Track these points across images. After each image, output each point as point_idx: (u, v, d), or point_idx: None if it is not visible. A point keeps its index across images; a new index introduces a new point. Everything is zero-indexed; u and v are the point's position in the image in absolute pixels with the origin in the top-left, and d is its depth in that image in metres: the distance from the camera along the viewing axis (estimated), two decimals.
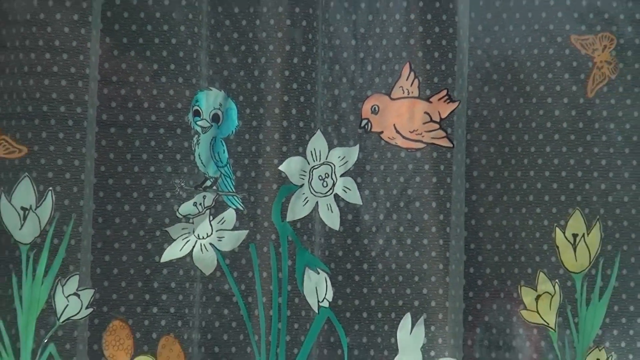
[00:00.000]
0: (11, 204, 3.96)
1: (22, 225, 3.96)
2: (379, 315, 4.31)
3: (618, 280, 4.31)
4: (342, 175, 4.03)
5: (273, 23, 4.34)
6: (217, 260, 4.09)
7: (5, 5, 4.13)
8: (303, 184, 4.06)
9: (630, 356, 4.39)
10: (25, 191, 4.00)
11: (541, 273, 4.27)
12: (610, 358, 4.30)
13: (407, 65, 4.14)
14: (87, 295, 3.97)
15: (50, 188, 3.99)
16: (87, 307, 3.97)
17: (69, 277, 3.95)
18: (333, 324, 4.15)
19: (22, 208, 3.94)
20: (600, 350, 4.27)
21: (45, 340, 3.94)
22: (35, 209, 3.97)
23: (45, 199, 3.99)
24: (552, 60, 4.52)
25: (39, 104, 4.03)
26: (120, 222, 4.19)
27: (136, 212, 4.19)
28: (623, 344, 4.38)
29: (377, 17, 4.49)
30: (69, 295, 3.96)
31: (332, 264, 4.25)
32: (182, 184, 4.14)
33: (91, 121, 4.13)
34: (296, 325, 4.18)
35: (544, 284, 4.25)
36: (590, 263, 4.25)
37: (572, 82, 4.44)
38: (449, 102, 4.14)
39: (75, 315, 3.96)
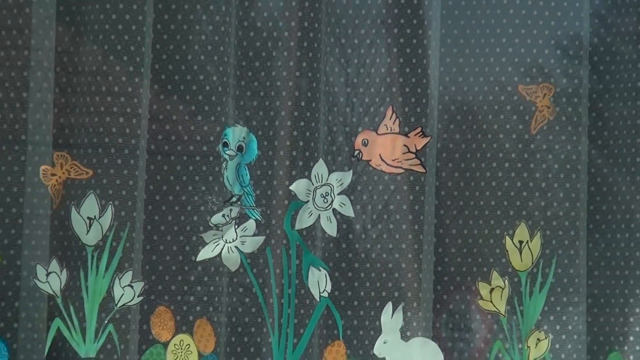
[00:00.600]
0: (80, 215, 4.28)
1: (88, 231, 4.28)
2: (367, 303, 4.50)
3: (554, 277, 4.55)
4: (339, 194, 4.38)
5: (285, 74, 4.54)
6: (240, 259, 4.39)
7: (76, 59, 4.31)
8: (308, 200, 4.38)
9: (564, 336, 4.59)
10: (90, 205, 4.31)
11: (494, 271, 4.57)
12: (547, 338, 4.56)
13: (390, 108, 4.47)
14: (139, 286, 4.30)
15: (110, 202, 4.29)
16: (138, 296, 4.29)
17: (125, 272, 4.26)
18: (331, 310, 4.43)
19: (88, 218, 4.29)
20: (540, 332, 4.54)
21: (106, 322, 4.20)
22: (99, 219, 4.28)
23: (106, 211, 4.29)
24: (503, 105, 4.76)
25: (102, 136, 4.30)
26: (164, 230, 4.43)
27: (177, 222, 4.42)
28: (557, 327, 4.57)
29: (366, 70, 4.74)
30: (125, 286, 4.29)
31: (330, 263, 4.46)
32: (214, 200, 4.40)
33: (142, 150, 4.37)
34: (302, 311, 4.40)
35: (496, 280, 4.56)
36: (532, 263, 4.57)
37: (519, 122, 4.69)
38: (422, 137, 4.47)
39: (129, 302, 4.28)
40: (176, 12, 4.71)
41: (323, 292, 4.31)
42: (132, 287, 4.27)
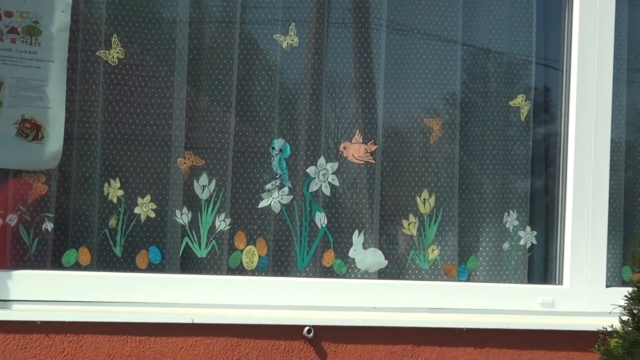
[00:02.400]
0: (198, 183, 4.62)
1: (202, 192, 4.60)
2: (345, 229, 4.81)
3: (441, 217, 4.91)
4: (331, 174, 4.76)
5: (304, 110, 4.89)
6: (280, 207, 4.71)
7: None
8: (315, 177, 4.76)
9: (446, 248, 4.94)
10: (203, 178, 4.66)
11: (410, 213, 4.92)
12: (437, 248, 4.92)
13: (357, 130, 4.83)
14: (228, 221, 4.66)
15: (214, 177, 4.65)
16: (227, 225, 4.66)
17: (221, 213, 4.64)
18: (327, 233, 4.79)
19: (202, 185, 4.65)
20: (433, 245, 4.89)
21: (212, 239, 4.64)
22: (208, 185, 4.64)
23: (211, 182, 4.67)
24: (417, 127, 5.09)
25: (208, 140, 4.76)
26: (246, 191, 4.73)
27: (251, 188, 4.72)
28: (442, 243, 4.92)
29: (345, 108, 5.01)
30: (221, 220, 4.65)
31: (326, 209, 4.81)
32: (268, 176, 4.73)
33: (231, 150, 4.71)
34: (312, 233, 4.77)
35: (412, 217, 4.90)
36: (430, 210, 4.92)
37: (424, 136, 5.07)
38: (374, 144, 4.82)
39: (224, 228, 4.67)
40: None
41: (322, 224, 4.77)
42: (224, 221, 4.62)
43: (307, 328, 4.37)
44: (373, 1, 4.89)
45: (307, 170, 4.76)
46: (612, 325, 3.65)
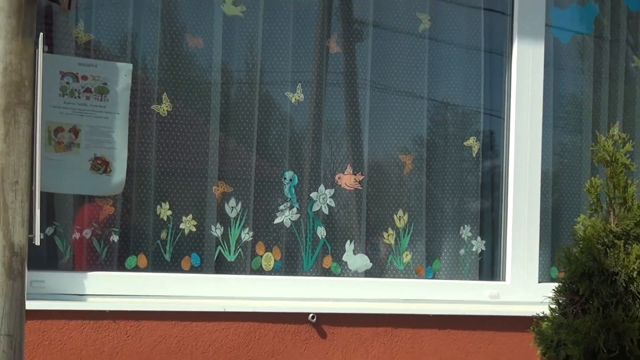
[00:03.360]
0: (229, 205, 4.51)
1: (232, 210, 4.48)
2: (339, 239, 4.74)
3: (412, 230, 4.81)
4: (329, 197, 4.69)
5: (308, 146, 4.83)
6: (290, 223, 4.65)
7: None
8: (317, 200, 4.67)
9: (416, 253, 4.85)
10: (232, 202, 4.55)
11: (389, 227, 4.81)
12: (410, 254, 4.83)
13: (349, 164, 4.73)
14: (251, 233, 4.56)
15: (241, 201, 4.54)
16: (251, 237, 4.54)
17: (246, 228, 4.56)
18: (325, 243, 4.71)
19: (232, 207, 4.56)
20: (407, 252, 4.79)
21: (239, 247, 4.59)
22: (236, 206, 4.54)
23: (239, 204, 4.56)
24: (395, 163, 5.03)
25: (233, 172, 4.70)
26: (266, 210, 4.63)
27: (270, 208, 4.64)
28: (415, 250, 4.83)
29: (339, 147, 4.91)
30: (245, 233, 4.54)
31: (325, 224, 4.70)
32: (280, 199, 4.63)
33: (253, 178, 4.69)
34: (314, 243, 4.70)
35: (390, 230, 4.80)
36: (405, 224, 4.81)
37: (400, 168, 4.97)
38: (361, 175, 4.70)
39: (248, 239, 4.58)
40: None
41: (322, 236, 4.69)
42: (248, 234, 4.52)
43: (311, 315, 4.37)
44: (360, 67, 4.84)
45: (310, 195, 4.72)
46: (543, 312, 3.63)
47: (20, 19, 2.13)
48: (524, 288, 4.89)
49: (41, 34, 3.68)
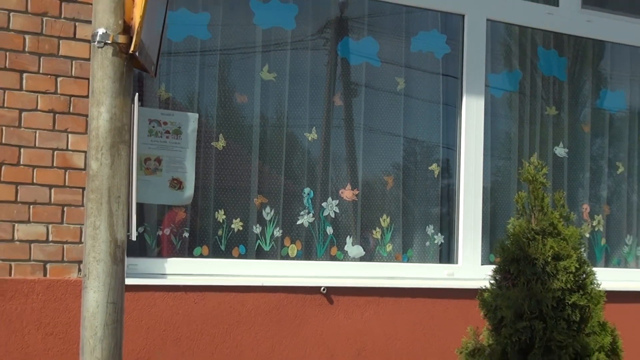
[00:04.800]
0: (265, 211, 4.51)
1: (268, 214, 4.43)
2: (343, 236, 4.63)
3: (393, 228, 4.75)
4: (335, 206, 4.58)
5: (319, 168, 4.67)
6: (308, 225, 4.54)
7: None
8: (326, 208, 4.57)
9: (394, 247, 4.75)
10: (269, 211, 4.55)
11: (377, 227, 4.68)
12: (391, 246, 4.72)
13: (349, 182, 4.62)
14: (279, 232, 4.45)
15: (274, 209, 4.63)
16: (281, 234, 4.41)
17: (277, 227, 4.44)
18: (333, 238, 4.63)
19: (266, 214, 4.50)
20: (389, 244, 4.72)
21: (272, 241, 4.48)
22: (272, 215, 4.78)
23: (272, 212, 4.57)
24: (380, 181, 4.93)
25: (267, 189, 4.63)
26: (294, 216, 4.50)
27: (294, 214, 4.53)
28: (395, 243, 4.76)
29: (342, 168, 4.76)
30: (276, 230, 4.43)
31: (332, 225, 4.58)
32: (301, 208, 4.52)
33: (281, 193, 4.58)
34: (325, 238, 4.60)
35: (378, 229, 4.68)
36: (388, 225, 4.71)
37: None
38: (357, 190, 4.62)
39: (278, 236, 4.43)
40: None
41: (330, 233, 4.58)
42: (279, 232, 4.44)
43: (322, 288, 4.30)
44: (355, 115, 4.76)
45: (322, 204, 4.64)
46: (485, 286, 3.61)
47: (121, 83, 2.13)
48: (471, 269, 4.83)
49: (136, 94, 3.64)
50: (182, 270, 4.14)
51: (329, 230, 4.64)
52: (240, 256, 4.39)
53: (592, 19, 5.12)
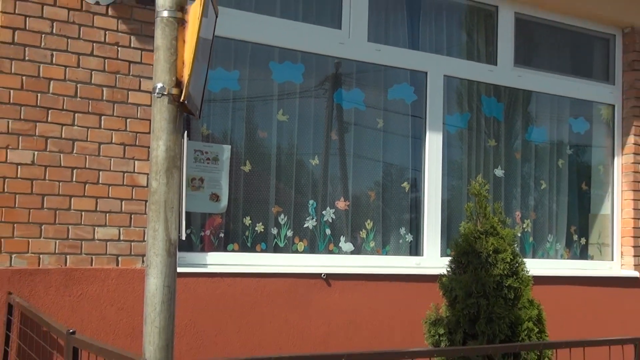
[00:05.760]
0: (278, 217, 4.28)
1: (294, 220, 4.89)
2: (337, 236, 4.50)
3: (375, 230, 4.64)
4: (332, 214, 4.49)
5: (321, 187, 4.53)
6: (312, 227, 4.41)
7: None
8: (326, 215, 4.47)
9: (376, 244, 4.64)
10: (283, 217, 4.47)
11: (363, 229, 4.48)
12: (374, 243, 4.59)
13: (342, 197, 4.53)
14: (289, 232, 4.44)
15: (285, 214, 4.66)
16: (291, 233, 4.35)
17: (290, 229, 4.39)
18: (331, 237, 4.50)
19: (278, 221, 4.47)
20: (372, 241, 4.57)
21: (285, 240, 4.34)
22: (290, 220, 4.52)
23: (285, 219, 4.51)
24: (368, 195, 4.87)
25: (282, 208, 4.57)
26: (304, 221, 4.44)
27: (302, 219, 4.42)
28: (376, 241, 4.67)
29: (336, 185, 4.60)
30: (287, 230, 4.27)
31: (330, 228, 4.48)
32: (307, 216, 4.39)
33: (296, 206, 4.43)
34: (324, 237, 4.48)
35: (364, 231, 4.52)
36: (371, 228, 4.58)
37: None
38: (347, 201, 4.47)
39: (289, 236, 4.30)
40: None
41: (328, 233, 4.48)
42: (290, 232, 4.32)
43: (323, 274, 4.26)
44: (347, 146, 4.67)
45: (322, 212, 4.57)
46: (443, 272, 3.59)
47: (174, 124, 2.11)
48: (433, 260, 4.77)
49: (185, 131, 3.67)
50: (218, 261, 4.07)
51: (328, 231, 4.54)
52: (262, 251, 4.32)
53: (522, 75, 5.14)
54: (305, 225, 4.47)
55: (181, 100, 2.05)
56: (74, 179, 3.44)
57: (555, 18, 5.16)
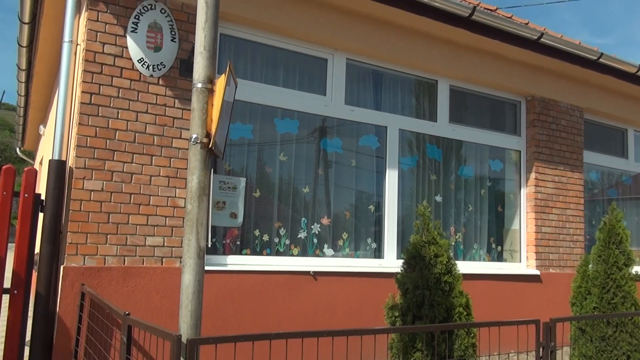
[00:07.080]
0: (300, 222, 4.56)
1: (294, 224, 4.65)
2: (323, 243, 4.36)
3: (349, 240, 4.52)
4: (318, 228, 4.31)
5: (314, 205, 4.41)
6: (304, 237, 4.29)
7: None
8: (314, 228, 4.34)
9: (350, 250, 4.49)
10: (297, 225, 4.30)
11: (341, 239, 4.36)
12: (348, 249, 4.42)
13: (326, 215, 4.37)
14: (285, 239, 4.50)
15: (306, 219, 4.61)
16: (289, 243, 4.26)
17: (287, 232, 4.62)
18: (317, 245, 4.35)
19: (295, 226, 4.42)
20: (347, 248, 4.37)
21: (282, 246, 4.19)
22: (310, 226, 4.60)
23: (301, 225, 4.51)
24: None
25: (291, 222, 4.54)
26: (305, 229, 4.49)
27: (297, 232, 4.27)
28: (350, 248, 4.52)
29: (323, 204, 4.41)
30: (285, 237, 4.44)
31: (317, 238, 4.28)
32: (300, 229, 4.26)
33: (297, 218, 4.34)
34: (313, 245, 4.30)
35: (342, 240, 4.33)
36: (346, 238, 4.41)
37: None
38: (330, 219, 4.27)
39: (286, 245, 4.20)
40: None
41: (315, 242, 4.33)
42: (288, 241, 4.12)
43: (311, 272, 4.17)
44: (330, 178, 4.60)
45: (311, 227, 4.47)
46: (399, 271, 3.51)
47: (205, 163, 2.09)
48: (392, 261, 4.69)
49: (212, 168, 3.75)
50: (235, 262, 3.99)
51: (315, 240, 4.43)
52: (267, 254, 4.21)
53: (455, 129, 5.09)
54: (299, 236, 4.36)
55: (209, 146, 2.04)
56: (131, 202, 3.42)
57: (479, 89, 5.20)
